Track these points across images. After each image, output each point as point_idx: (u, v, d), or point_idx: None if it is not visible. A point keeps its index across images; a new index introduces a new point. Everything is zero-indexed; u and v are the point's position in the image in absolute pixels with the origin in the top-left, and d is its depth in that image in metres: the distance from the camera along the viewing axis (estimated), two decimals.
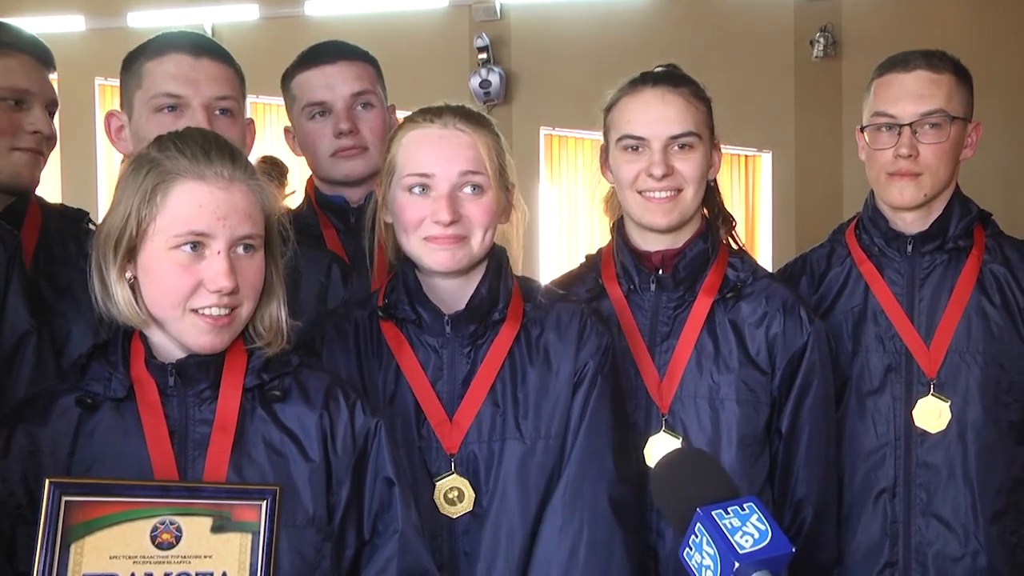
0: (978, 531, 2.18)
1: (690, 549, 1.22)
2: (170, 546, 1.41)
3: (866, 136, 2.29)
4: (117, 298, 1.60)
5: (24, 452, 1.57)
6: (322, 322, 1.96)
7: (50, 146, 2.21)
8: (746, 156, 7.09)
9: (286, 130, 2.57)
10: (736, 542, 1.18)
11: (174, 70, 2.08)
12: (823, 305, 2.31)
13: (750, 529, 1.20)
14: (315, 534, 1.61)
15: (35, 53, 2.18)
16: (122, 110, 2.16)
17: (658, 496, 1.31)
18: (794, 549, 1.20)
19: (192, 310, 1.58)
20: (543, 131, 7.32)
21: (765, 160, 7.06)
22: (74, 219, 2.30)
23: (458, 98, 1.95)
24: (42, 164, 2.20)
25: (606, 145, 2.19)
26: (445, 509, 1.83)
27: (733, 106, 2.05)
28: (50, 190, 2.31)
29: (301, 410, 1.65)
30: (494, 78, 7.17)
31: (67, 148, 7.79)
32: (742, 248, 2.23)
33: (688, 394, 2.08)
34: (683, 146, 2.08)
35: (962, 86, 2.25)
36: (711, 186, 2.19)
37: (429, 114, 1.89)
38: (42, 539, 1.36)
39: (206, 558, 1.42)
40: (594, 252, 2.29)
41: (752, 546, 1.18)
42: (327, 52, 2.47)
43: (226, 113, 2.09)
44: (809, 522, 2.12)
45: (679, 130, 2.08)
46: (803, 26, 6.80)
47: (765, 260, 6.48)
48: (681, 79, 2.14)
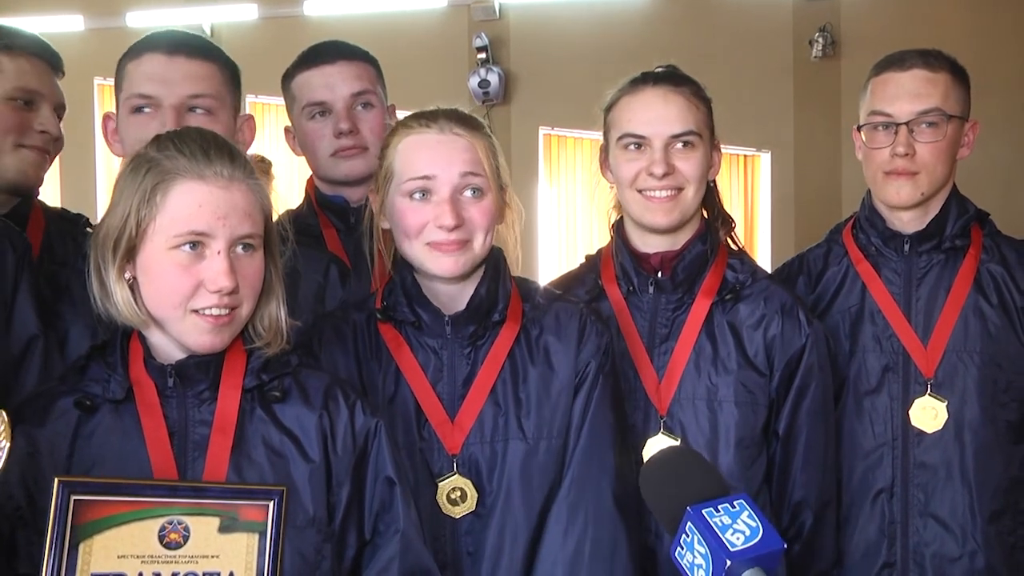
0: (976, 531, 2.18)
1: (681, 548, 1.21)
2: (178, 546, 1.41)
3: (863, 135, 2.29)
4: (116, 298, 1.59)
5: (23, 454, 1.56)
6: (320, 324, 1.95)
7: (56, 148, 2.26)
8: (745, 156, 7.09)
9: (286, 130, 2.57)
10: (727, 540, 1.18)
11: (148, 70, 2.09)
12: (820, 305, 2.32)
13: (741, 526, 1.19)
14: (315, 534, 1.61)
15: (45, 56, 2.24)
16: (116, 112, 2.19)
17: (648, 495, 1.31)
18: (785, 545, 1.20)
19: (193, 311, 1.57)
20: (542, 131, 7.31)
21: (764, 160, 7.06)
22: (73, 222, 2.33)
23: (457, 98, 1.95)
24: (47, 165, 2.25)
25: (606, 145, 2.19)
26: (448, 510, 1.83)
27: (732, 106, 2.05)
28: (50, 190, 2.32)
29: (300, 410, 1.64)
30: (493, 78, 7.16)
31: (66, 148, 7.68)
32: (742, 249, 2.23)
33: (686, 396, 2.08)
34: (684, 144, 2.09)
35: (959, 85, 2.25)
36: (710, 187, 2.19)
37: (424, 119, 1.88)
38: (51, 538, 1.36)
39: (213, 558, 1.42)
40: (594, 253, 2.29)
41: (743, 543, 1.18)
42: (327, 52, 2.48)
43: (201, 111, 2.07)
44: (809, 526, 2.12)
45: (680, 129, 2.08)
46: (802, 26, 6.79)
47: (764, 260, 6.48)
48: (682, 79, 2.14)
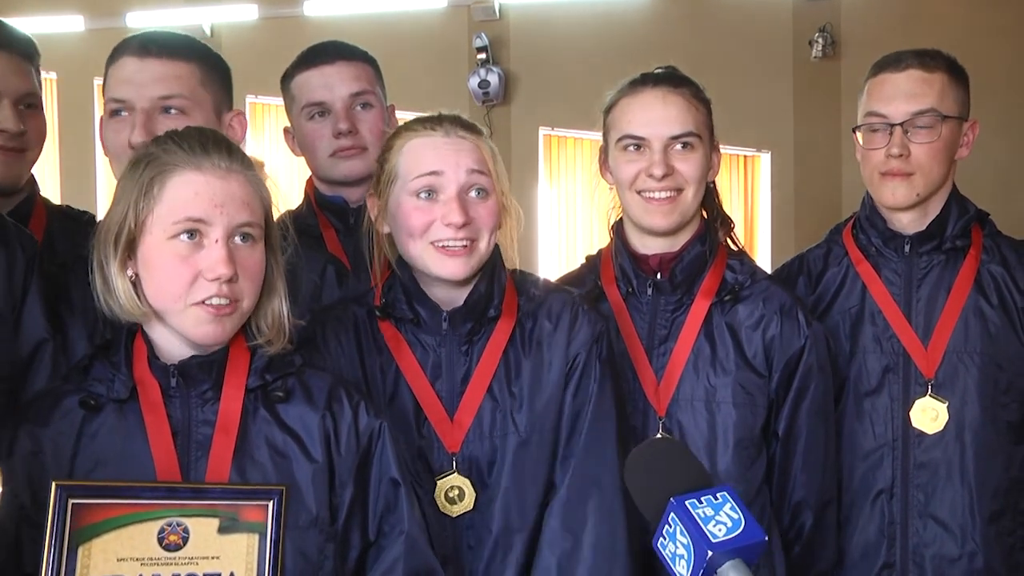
0: (975, 532, 2.18)
1: (664, 539, 1.22)
2: (177, 547, 1.42)
3: (859, 136, 2.29)
4: (118, 292, 1.60)
5: (27, 453, 1.57)
6: (321, 317, 1.96)
7: (26, 142, 2.11)
8: (745, 156, 7.08)
9: (285, 130, 2.57)
10: (709, 531, 1.18)
11: (121, 74, 2.08)
12: (820, 305, 2.31)
13: (723, 518, 1.20)
14: (318, 535, 1.61)
15: (3, 45, 2.07)
16: None
17: (632, 486, 1.31)
18: (766, 537, 1.20)
19: (193, 303, 1.57)
20: (542, 131, 7.31)
21: (764, 160, 7.05)
22: (76, 220, 2.29)
23: (457, 98, 1.96)
24: (22, 162, 2.11)
25: (605, 146, 2.19)
26: (445, 508, 1.84)
27: (732, 106, 2.05)
28: (50, 190, 2.29)
29: (304, 411, 1.65)
30: (493, 78, 7.15)
31: (66, 148, 7.79)
32: (741, 250, 2.23)
33: (685, 397, 2.08)
34: (684, 146, 2.09)
35: (956, 85, 2.25)
36: (709, 188, 2.19)
37: (429, 122, 1.89)
38: (49, 542, 1.36)
39: (213, 559, 1.43)
40: (594, 253, 2.29)
41: (725, 535, 1.19)
42: (326, 52, 2.47)
43: (175, 111, 2.05)
44: (809, 526, 2.12)
45: (680, 130, 2.08)
46: (802, 26, 6.78)
47: (764, 260, 6.47)
48: (681, 80, 2.14)
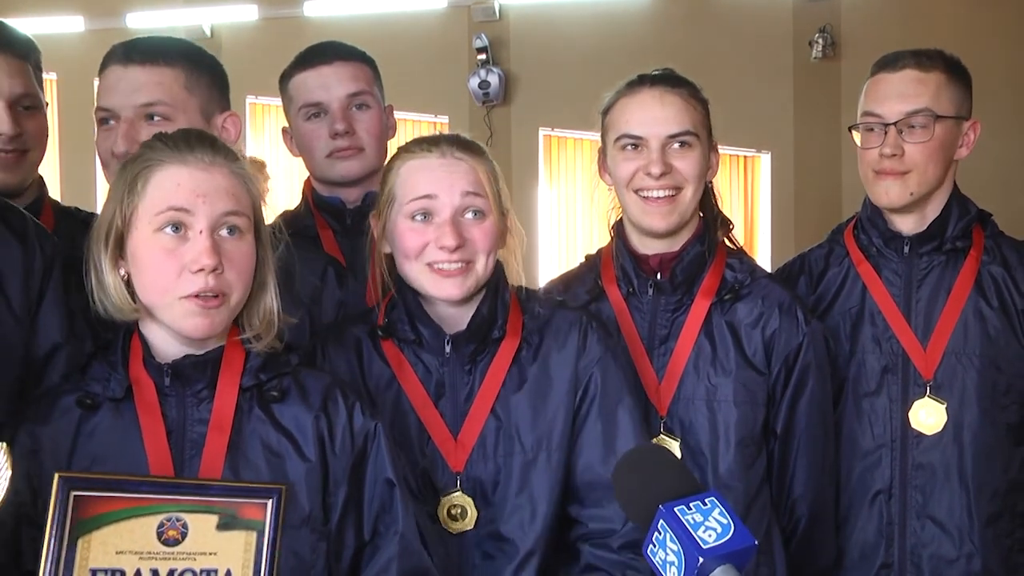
0: (973, 533, 2.18)
1: (654, 546, 1.21)
2: (176, 542, 1.42)
3: (855, 135, 2.29)
4: (109, 289, 1.62)
5: (26, 451, 1.58)
6: (322, 337, 1.96)
7: (25, 144, 2.05)
8: (745, 157, 7.08)
9: (284, 131, 2.57)
10: (700, 537, 1.18)
11: (107, 82, 2.08)
12: (821, 305, 2.31)
13: (713, 524, 1.19)
14: (310, 534, 1.62)
15: None
16: None
17: (620, 494, 1.31)
18: (756, 542, 1.20)
19: (181, 297, 1.58)
20: (542, 132, 7.31)
21: (764, 161, 7.05)
22: (86, 222, 2.28)
23: (457, 99, 1.96)
24: (23, 164, 2.07)
25: (604, 147, 2.19)
26: (447, 525, 1.84)
27: (732, 107, 2.05)
28: (50, 190, 2.28)
29: (298, 410, 1.65)
30: (493, 79, 7.15)
31: (66, 148, 7.80)
32: (740, 249, 2.22)
33: (686, 396, 2.08)
34: (682, 144, 2.09)
35: (954, 84, 2.24)
36: (708, 188, 2.18)
37: (426, 143, 1.89)
38: (50, 533, 1.37)
39: (211, 555, 1.43)
40: (594, 252, 2.28)
41: (715, 540, 1.18)
42: (323, 53, 2.48)
43: (158, 118, 2.04)
44: (804, 523, 2.12)
45: (677, 129, 2.08)
46: (802, 27, 6.78)
47: (764, 261, 6.47)
48: (678, 80, 2.14)
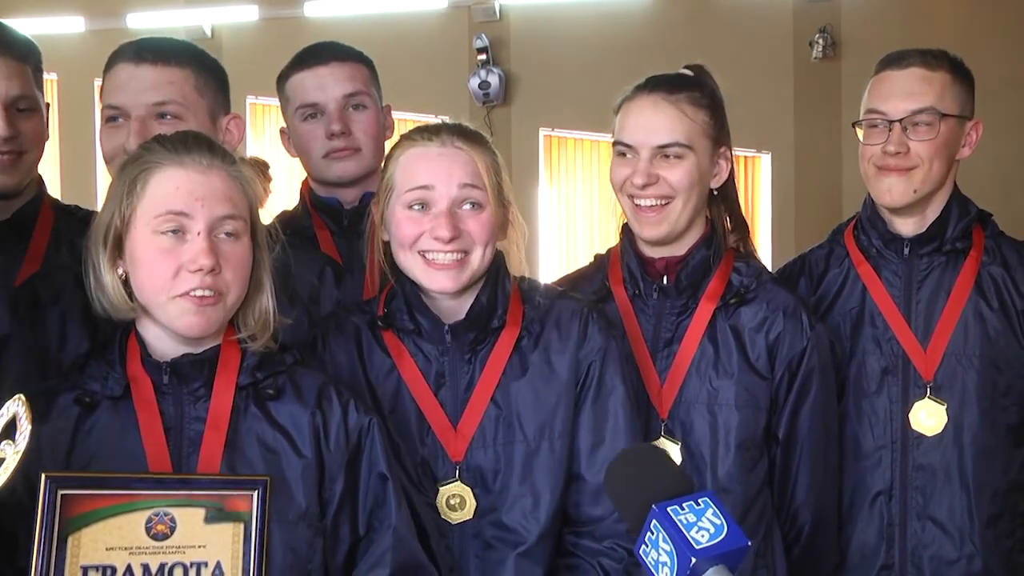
0: (974, 534, 2.18)
1: (646, 546, 1.21)
2: (165, 537, 1.44)
3: (858, 132, 2.28)
4: (107, 288, 1.64)
5: (26, 449, 1.58)
6: (322, 326, 1.96)
7: (22, 146, 2.00)
8: (745, 157, 7.08)
9: (281, 131, 2.58)
10: (692, 537, 1.17)
11: (116, 81, 2.08)
12: (822, 306, 2.31)
13: (706, 524, 1.19)
14: (307, 529, 1.64)
15: None
16: None
17: (613, 493, 1.31)
18: (749, 543, 1.20)
19: (177, 295, 1.59)
20: (542, 132, 7.31)
21: (764, 161, 7.05)
22: (86, 221, 2.27)
23: (457, 99, 1.96)
24: (19, 165, 2.02)
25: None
26: (446, 515, 1.84)
27: (732, 107, 2.05)
28: (50, 190, 2.28)
29: (294, 408, 1.67)
30: (493, 79, 7.15)
31: (66, 148, 7.81)
32: (750, 253, 2.20)
33: (688, 400, 2.07)
34: (671, 155, 2.06)
35: (958, 84, 2.24)
36: (721, 192, 2.15)
37: (426, 132, 1.89)
38: (39, 532, 1.39)
39: (200, 548, 1.45)
40: (603, 252, 2.27)
41: (708, 541, 1.17)
42: (320, 53, 2.48)
43: (169, 117, 2.04)
44: (808, 529, 2.12)
45: (666, 140, 2.05)
46: (802, 27, 6.79)
47: (764, 261, 6.44)
48: (682, 85, 2.10)
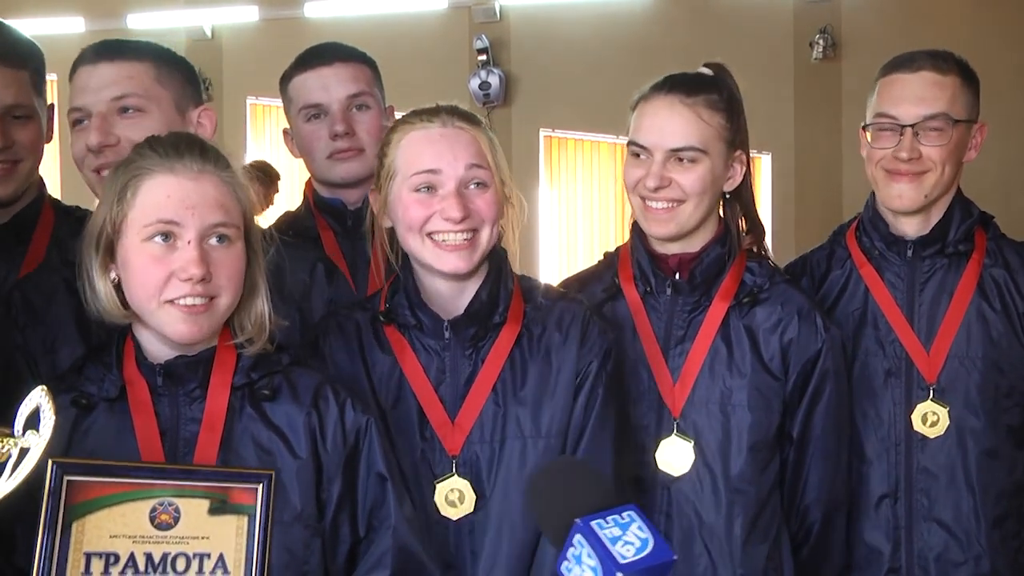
0: (980, 536, 2.17)
1: (569, 562, 1.18)
2: (168, 527, 1.44)
3: (868, 135, 2.26)
4: (100, 293, 1.64)
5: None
6: (324, 323, 1.96)
7: (16, 154, 2.01)
8: None
9: (285, 132, 2.57)
10: (617, 552, 1.15)
11: (78, 84, 2.07)
12: (823, 307, 2.28)
13: (631, 538, 1.17)
14: (303, 530, 1.64)
15: None
16: None
17: (534, 508, 1.28)
18: (675, 557, 1.18)
19: (167, 301, 1.59)
20: (543, 133, 7.32)
21: (765, 161, 7.06)
22: (83, 221, 2.27)
23: (458, 100, 1.95)
24: (15, 174, 2.02)
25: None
26: (445, 511, 1.83)
27: None
28: (49, 190, 2.28)
29: (290, 408, 1.67)
30: (494, 80, 7.16)
31: (66, 149, 7.77)
32: (763, 254, 2.19)
33: (700, 399, 2.06)
34: (684, 159, 2.04)
35: (967, 88, 2.22)
36: (729, 196, 2.13)
37: (426, 114, 1.88)
38: (44, 517, 1.39)
39: (203, 539, 1.45)
40: (612, 250, 2.26)
41: (634, 555, 1.15)
42: (323, 54, 2.47)
43: (132, 111, 2.02)
44: (817, 527, 2.11)
45: (680, 144, 2.04)
46: (802, 28, 6.79)
47: None
48: (700, 87, 2.07)
